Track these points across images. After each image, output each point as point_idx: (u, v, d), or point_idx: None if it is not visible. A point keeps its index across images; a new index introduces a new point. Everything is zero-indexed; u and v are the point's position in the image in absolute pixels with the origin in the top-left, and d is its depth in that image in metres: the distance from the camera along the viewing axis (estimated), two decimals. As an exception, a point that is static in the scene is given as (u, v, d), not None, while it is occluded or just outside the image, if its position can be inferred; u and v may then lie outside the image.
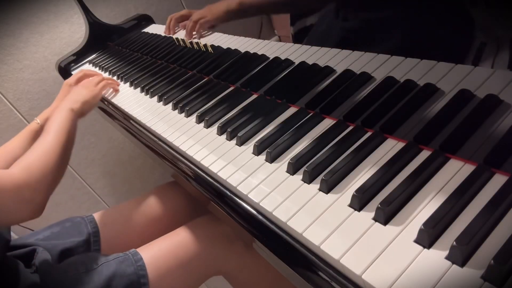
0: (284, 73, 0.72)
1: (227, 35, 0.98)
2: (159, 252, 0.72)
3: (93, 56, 1.35)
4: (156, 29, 1.34)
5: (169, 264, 0.71)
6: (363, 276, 0.34)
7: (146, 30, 1.36)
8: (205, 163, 0.58)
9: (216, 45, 0.95)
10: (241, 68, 0.79)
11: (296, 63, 0.73)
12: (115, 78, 1.07)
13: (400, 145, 0.46)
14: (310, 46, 0.76)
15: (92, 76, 1.00)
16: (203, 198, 0.60)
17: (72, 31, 1.44)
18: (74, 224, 0.82)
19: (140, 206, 0.88)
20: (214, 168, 0.56)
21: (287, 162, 0.50)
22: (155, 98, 0.85)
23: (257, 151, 0.55)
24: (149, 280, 0.68)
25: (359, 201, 0.40)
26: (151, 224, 0.87)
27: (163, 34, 1.20)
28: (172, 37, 1.13)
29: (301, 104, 0.61)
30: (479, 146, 0.41)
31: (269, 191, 0.48)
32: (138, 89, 0.93)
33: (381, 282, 0.33)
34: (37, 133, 0.81)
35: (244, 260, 0.77)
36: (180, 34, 1.14)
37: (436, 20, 0.73)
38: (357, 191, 0.41)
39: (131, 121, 0.85)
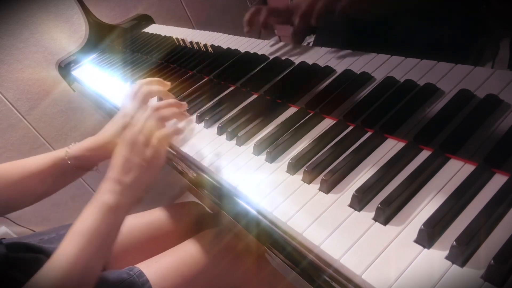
0: (284, 73, 0.72)
1: (227, 35, 0.98)
2: (166, 271, 0.70)
3: (93, 56, 1.34)
4: (156, 29, 1.34)
5: (175, 283, 0.69)
6: (363, 276, 0.34)
7: (146, 30, 1.36)
8: (205, 163, 0.58)
9: (216, 45, 0.95)
10: (241, 68, 0.79)
11: (296, 63, 0.73)
12: (115, 78, 1.07)
13: (400, 145, 0.46)
14: (310, 46, 0.76)
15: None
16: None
17: (72, 31, 1.44)
18: None
19: (147, 222, 0.86)
20: (213, 169, 0.56)
21: (287, 162, 0.50)
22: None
23: (257, 151, 0.55)
24: None
25: (359, 201, 0.41)
26: (156, 240, 0.85)
27: (163, 34, 1.20)
28: (172, 37, 1.13)
29: (301, 104, 0.61)
30: (479, 146, 0.41)
31: (269, 191, 0.48)
32: (138, 89, 0.93)
33: (381, 282, 0.33)
34: (61, 165, 0.70)
35: (250, 275, 0.76)
36: (181, 34, 1.13)
37: (437, 20, 0.73)
38: (357, 191, 0.41)
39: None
